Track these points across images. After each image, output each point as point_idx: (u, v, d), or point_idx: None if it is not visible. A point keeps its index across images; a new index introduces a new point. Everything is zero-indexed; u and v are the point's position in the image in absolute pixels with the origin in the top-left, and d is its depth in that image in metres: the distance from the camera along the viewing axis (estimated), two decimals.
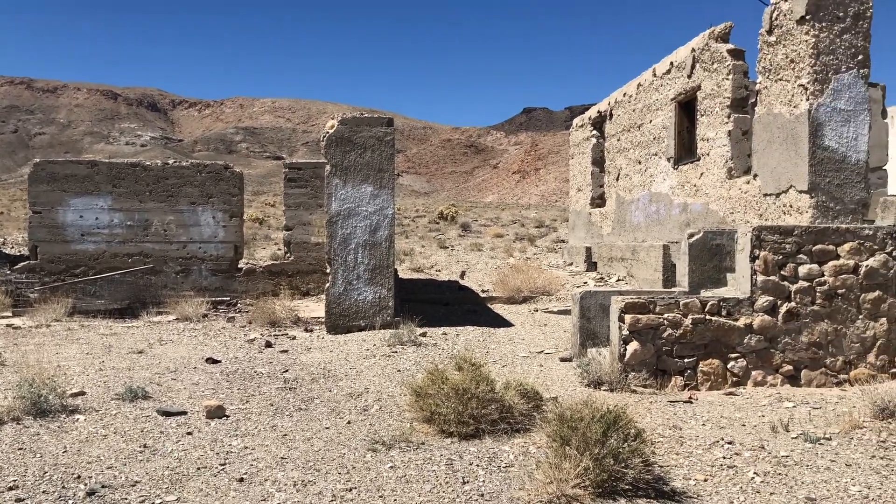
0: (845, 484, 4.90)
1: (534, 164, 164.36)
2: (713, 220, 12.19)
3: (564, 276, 17.26)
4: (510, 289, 14.71)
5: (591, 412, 5.01)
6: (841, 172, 9.37)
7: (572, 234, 21.76)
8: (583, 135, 20.50)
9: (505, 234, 32.52)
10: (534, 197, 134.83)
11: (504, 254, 24.14)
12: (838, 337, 7.92)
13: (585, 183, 20.04)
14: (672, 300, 7.90)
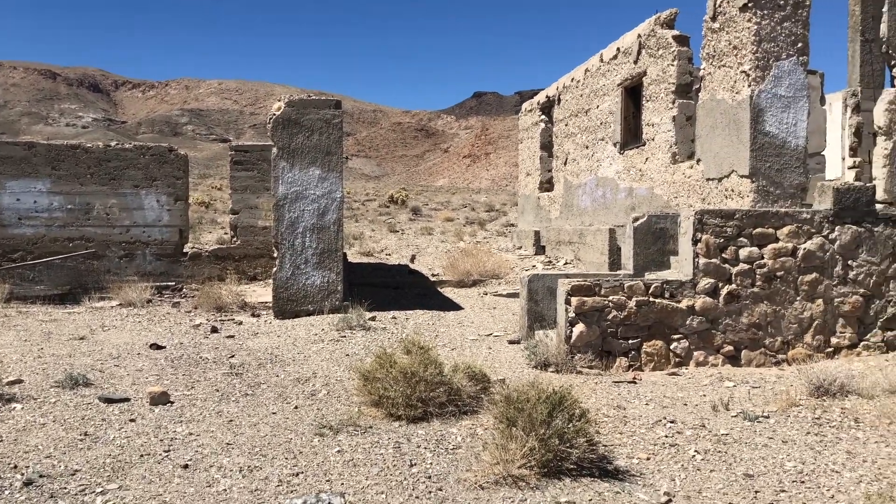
0: (781, 460, 5.06)
1: (484, 149, 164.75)
2: (658, 204, 12.39)
3: (514, 259, 17.39)
4: (460, 272, 14.76)
5: (537, 393, 5.07)
6: (781, 158, 9.61)
7: (521, 218, 21.91)
8: (531, 119, 20.61)
9: (455, 219, 32.60)
10: (484, 181, 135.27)
11: (454, 238, 24.21)
12: (777, 318, 8.14)
13: (534, 167, 20.17)
14: (617, 283, 8.02)
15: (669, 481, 4.75)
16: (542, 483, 4.62)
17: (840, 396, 6.42)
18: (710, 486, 4.66)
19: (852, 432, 5.64)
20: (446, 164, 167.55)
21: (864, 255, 8.28)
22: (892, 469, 4.87)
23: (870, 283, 8.28)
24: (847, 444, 5.36)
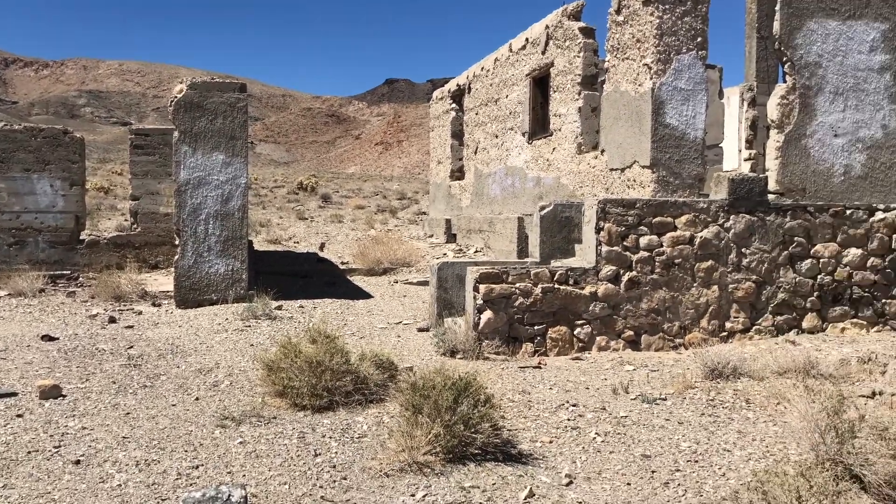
0: (677, 440, 5.26)
1: (396, 136, 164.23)
2: (564, 193, 12.64)
3: (425, 247, 17.42)
4: (370, 260, 14.68)
5: (443, 380, 5.09)
6: (680, 149, 9.93)
7: (433, 206, 21.96)
8: (442, 108, 20.65)
9: (366, 206, 32.40)
10: (397, 169, 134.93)
11: (365, 225, 24.06)
12: (675, 304, 8.44)
13: (445, 156, 20.23)
14: (524, 270, 8.14)
15: (571, 463, 4.86)
16: (447, 469, 4.65)
17: (733, 379, 6.71)
18: (609, 468, 4.79)
19: (743, 413, 5.90)
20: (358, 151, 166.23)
21: (756, 243, 8.67)
22: (778, 447, 5.13)
23: (762, 270, 8.67)
24: (738, 424, 5.61)
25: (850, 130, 10.12)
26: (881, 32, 10.15)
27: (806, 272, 8.78)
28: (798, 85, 9.96)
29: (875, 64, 10.18)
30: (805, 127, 9.97)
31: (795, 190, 9.92)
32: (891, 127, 10.25)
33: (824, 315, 8.86)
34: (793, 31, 9.90)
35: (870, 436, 4.45)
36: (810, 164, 9.98)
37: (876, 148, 10.19)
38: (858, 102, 10.14)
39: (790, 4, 9.88)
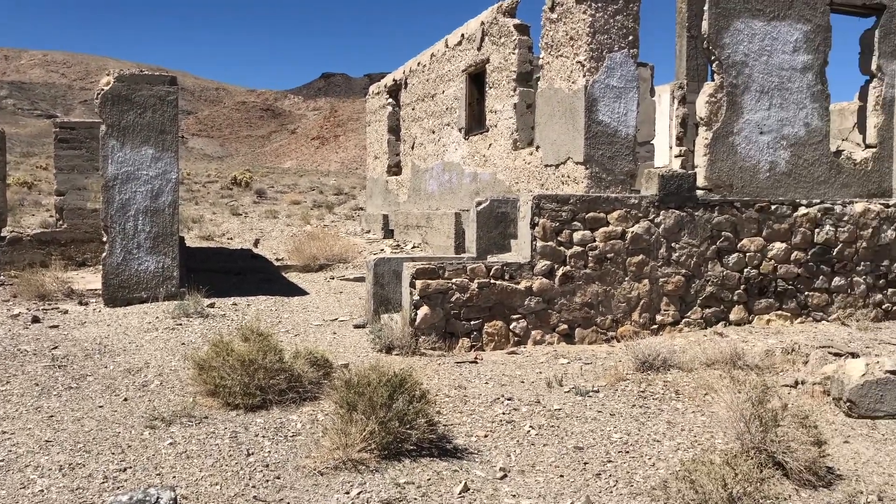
0: (609, 432, 5.35)
1: (333, 131, 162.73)
2: (500, 189, 12.72)
3: (362, 243, 17.32)
4: (306, 257, 14.51)
5: (378, 377, 5.07)
6: (613, 146, 10.10)
7: (370, 201, 21.84)
8: (379, 103, 20.55)
9: (303, 202, 32.03)
10: (334, 163, 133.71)
11: (301, 221, 23.78)
12: (608, 297, 8.59)
13: (382, 151, 20.14)
14: (460, 265, 8.17)
15: (505, 457, 4.90)
16: (382, 465, 4.63)
17: (663, 370, 6.87)
18: (543, 460, 4.85)
19: (673, 403, 6.05)
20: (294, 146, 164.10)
21: (685, 237, 8.88)
22: (706, 436, 5.27)
23: (690, 264, 8.89)
24: (668, 415, 5.74)
25: (776, 128, 10.44)
26: (803, 33, 10.50)
27: (733, 266, 9.05)
28: (726, 83, 10.23)
29: (798, 64, 10.52)
30: (732, 124, 10.25)
31: (723, 186, 10.20)
32: (813, 125, 10.62)
33: (751, 307, 9.14)
34: (720, 31, 10.17)
35: (791, 424, 4.61)
36: (737, 161, 10.26)
37: (799, 145, 10.55)
38: (783, 101, 10.48)
39: (718, 5, 10.14)
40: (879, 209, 9.66)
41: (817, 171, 10.65)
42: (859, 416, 5.70)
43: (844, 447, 5.13)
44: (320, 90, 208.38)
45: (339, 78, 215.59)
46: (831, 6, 10.70)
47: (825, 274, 9.43)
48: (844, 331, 8.82)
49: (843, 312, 9.46)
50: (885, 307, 9.66)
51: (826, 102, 10.76)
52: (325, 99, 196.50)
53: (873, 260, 9.62)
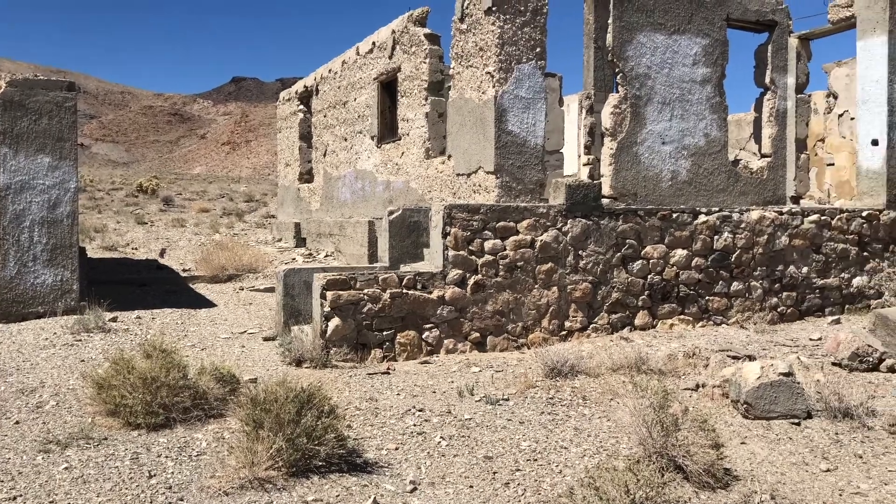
0: (518, 440, 5.41)
1: (245, 136, 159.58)
2: (413, 197, 12.73)
3: (273, 252, 17.02)
4: (215, 267, 14.16)
5: (286, 392, 4.98)
6: (522, 155, 10.25)
7: (281, 209, 21.52)
8: (290, 109, 20.28)
9: (212, 209, 31.28)
10: (245, 170, 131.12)
11: (210, 230, 23.19)
12: (518, 305, 8.71)
13: (293, 158, 19.87)
14: (372, 276, 8.13)
15: (416, 469, 4.89)
16: (290, 483, 4.55)
17: (571, 376, 7.00)
18: (453, 471, 4.86)
19: (580, 409, 6.17)
20: (203, 152, 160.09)
21: (592, 245, 9.10)
22: (611, 442, 5.39)
23: (597, 271, 9.11)
24: (575, 421, 5.85)
25: (677, 138, 10.83)
26: (702, 47, 10.93)
27: (637, 272, 9.32)
28: (629, 95, 10.54)
29: (698, 76, 10.95)
30: (636, 135, 10.57)
31: (628, 194, 10.50)
32: (712, 135, 11.06)
33: (654, 312, 9.43)
34: (624, 44, 10.48)
35: (692, 428, 4.77)
36: (641, 170, 10.58)
37: (700, 155, 10.96)
38: (684, 112, 10.87)
39: (621, 18, 10.45)
40: (774, 216, 10.13)
41: (716, 180, 11.09)
42: (755, 417, 5.95)
43: (741, 448, 5.34)
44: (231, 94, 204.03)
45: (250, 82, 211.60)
46: (728, 22, 11.18)
47: (724, 279, 9.82)
48: (743, 333, 9.19)
49: (741, 316, 9.87)
50: (781, 310, 10.13)
51: (724, 114, 11.23)
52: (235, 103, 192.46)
53: (769, 265, 10.08)
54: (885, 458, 5.26)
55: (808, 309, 10.33)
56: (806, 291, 10.33)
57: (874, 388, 6.94)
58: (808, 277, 10.31)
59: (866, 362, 7.49)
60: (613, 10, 10.44)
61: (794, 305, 10.23)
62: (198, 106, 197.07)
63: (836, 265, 10.51)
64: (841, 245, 10.52)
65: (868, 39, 11.04)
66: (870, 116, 11.08)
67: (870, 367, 7.48)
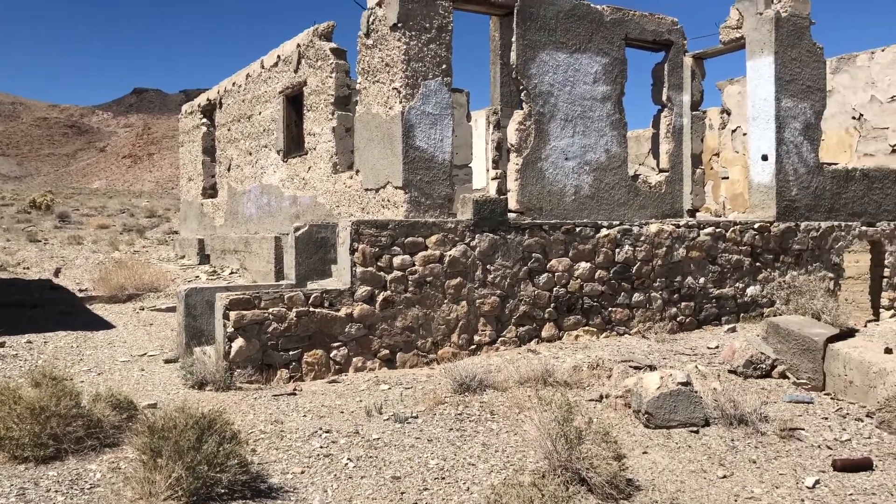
0: (426, 458, 5.39)
1: (147, 149, 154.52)
2: (321, 212, 12.59)
3: (175, 270, 16.49)
4: (113, 287, 13.60)
5: (186, 418, 4.81)
6: (430, 171, 10.29)
7: (184, 225, 20.90)
8: (192, 122, 19.76)
9: (111, 225, 30.10)
10: (147, 184, 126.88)
11: (109, 247, 22.30)
12: (428, 320, 8.71)
13: (197, 172, 19.36)
14: (277, 294, 7.97)
15: (322, 493, 4.80)
16: None
17: (479, 391, 7.04)
18: (360, 493, 4.80)
19: (488, 424, 6.20)
20: (103, 165, 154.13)
21: (499, 259, 9.20)
22: (518, 456, 5.44)
23: (505, 285, 9.22)
24: (483, 437, 5.88)
25: (580, 154, 11.10)
26: (602, 66, 11.26)
27: (543, 285, 9.48)
28: (534, 112, 10.75)
29: (598, 94, 11.26)
30: (541, 150, 10.78)
31: (534, 209, 10.68)
32: (613, 151, 11.39)
33: (560, 324, 9.61)
34: (527, 62, 10.68)
35: (595, 440, 4.86)
36: (546, 185, 10.79)
37: (601, 170, 11.26)
38: (586, 129, 11.16)
39: (525, 37, 10.65)
40: (672, 229, 10.50)
41: (617, 194, 11.42)
42: (656, 426, 6.12)
43: (643, 458, 5.48)
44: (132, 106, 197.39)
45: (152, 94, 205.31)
46: (626, 41, 11.56)
47: (626, 290, 10.10)
48: (644, 343, 9.47)
49: (643, 326, 10.17)
50: (679, 320, 10.49)
51: (624, 130, 11.59)
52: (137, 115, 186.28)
53: (668, 276, 10.43)
54: (777, 462, 5.50)
55: (706, 318, 10.74)
56: (703, 301, 10.73)
57: (767, 394, 7.26)
58: (704, 288, 10.73)
59: (759, 369, 7.83)
60: (517, 29, 10.64)
61: (692, 315, 10.62)
62: (97, 118, 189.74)
63: (731, 275, 10.97)
64: (735, 256, 10.99)
65: (757, 60, 11.62)
66: (760, 133, 11.65)
67: (763, 373, 7.83)
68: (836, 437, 6.06)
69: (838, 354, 7.31)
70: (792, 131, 11.55)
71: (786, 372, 7.87)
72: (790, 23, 11.44)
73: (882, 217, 12.37)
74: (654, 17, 11.87)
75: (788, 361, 7.92)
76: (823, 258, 11.74)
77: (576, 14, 11.05)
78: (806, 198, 11.67)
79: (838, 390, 7.26)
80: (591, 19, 11.18)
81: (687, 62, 12.30)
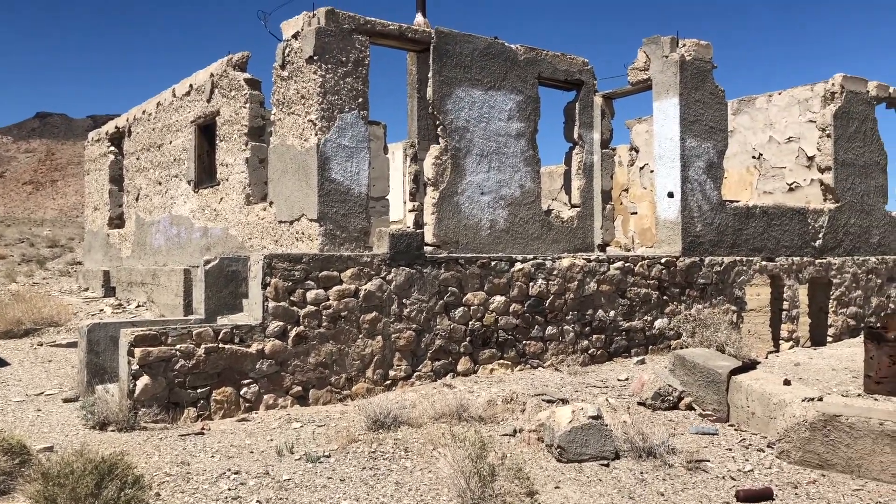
0: (338, 499, 5.28)
1: (50, 175, 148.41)
2: (233, 244, 12.33)
3: (78, 303, 15.80)
4: (9, 321, 12.91)
5: (84, 463, 4.59)
6: (346, 203, 10.23)
7: (89, 256, 20.10)
8: (99, 150, 19.13)
9: (9, 256, 28.63)
10: (50, 211, 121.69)
11: (6, 279, 21.19)
12: (342, 356, 8.60)
13: (103, 202, 18.69)
14: (185, 330, 7.72)
15: None
16: None
17: (394, 428, 6.97)
18: None
19: (402, 462, 6.14)
20: (2, 192, 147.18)
21: (415, 293, 9.20)
22: (431, 495, 5.39)
23: (421, 319, 9.21)
24: (397, 475, 5.81)
25: (495, 189, 11.26)
26: (516, 103, 11.50)
27: (459, 319, 9.51)
28: (450, 147, 10.86)
29: (513, 130, 11.48)
30: (457, 185, 10.88)
31: (450, 242, 10.74)
32: (527, 186, 11.60)
33: (476, 358, 9.64)
34: (444, 98, 10.81)
35: (507, 477, 4.87)
36: (462, 219, 10.89)
37: (516, 205, 11.45)
38: (501, 164, 11.34)
39: (441, 73, 10.79)
40: (583, 263, 10.73)
41: (531, 229, 11.62)
42: (569, 460, 6.18)
43: (555, 493, 5.51)
44: (34, 130, 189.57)
45: (57, 118, 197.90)
46: (539, 80, 11.85)
47: (540, 324, 10.24)
48: (557, 376, 9.59)
49: (556, 359, 10.31)
50: (591, 352, 10.68)
51: (537, 166, 11.84)
52: (40, 140, 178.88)
53: (579, 309, 10.63)
54: (684, 493, 5.64)
55: (616, 350, 10.98)
56: (613, 334, 10.98)
57: (674, 425, 7.45)
58: (615, 321, 10.98)
59: (667, 401, 8.04)
60: (433, 65, 10.77)
61: (603, 347, 10.84)
62: None
63: (640, 309, 11.27)
64: (644, 290, 11.31)
65: (663, 101, 12.10)
66: (666, 171, 12.09)
67: (670, 405, 8.04)
68: (740, 468, 6.26)
69: (741, 386, 7.58)
70: (696, 170, 12.03)
71: (692, 403, 8.10)
72: (694, 66, 11.98)
73: (781, 252, 12.99)
74: (566, 57, 12.22)
75: (695, 393, 8.16)
76: (727, 292, 12.21)
77: (491, 52, 11.28)
78: (710, 233, 12.15)
79: (742, 421, 7.52)
80: (505, 58, 11.43)
81: (597, 101, 12.69)
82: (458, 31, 11.01)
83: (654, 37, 12.27)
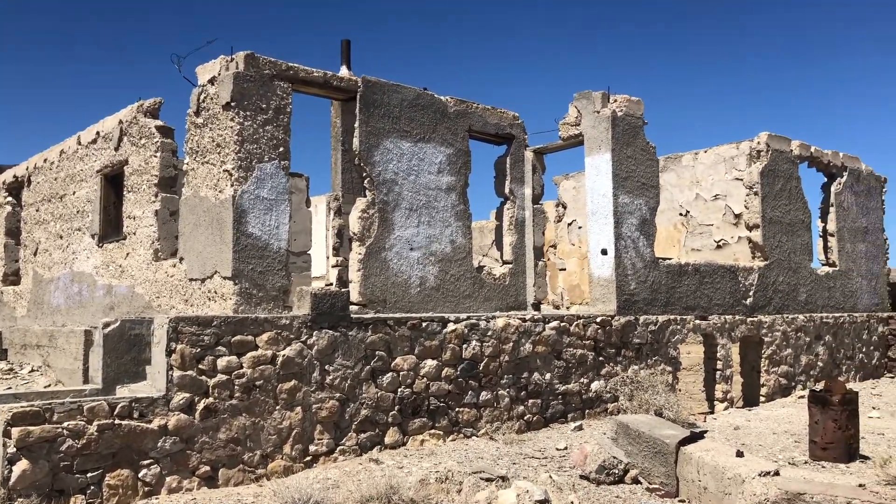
0: None
1: None
2: (140, 304, 11.32)
3: None
4: None
5: None
6: (264, 259, 9.46)
7: None
8: None
9: None
10: None
11: None
12: (256, 430, 7.74)
13: None
14: (74, 406, 6.76)
15: None
16: None
17: None
18: None
19: None
20: None
21: (339, 359, 8.45)
22: None
23: (345, 387, 8.44)
24: None
25: (425, 244, 10.68)
26: (447, 156, 11.03)
27: (387, 386, 8.79)
28: (377, 200, 10.26)
29: (443, 184, 10.98)
30: (385, 240, 10.26)
31: (377, 301, 10.05)
32: (458, 242, 11.07)
33: (405, 428, 8.90)
34: (371, 149, 10.24)
35: None
36: (390, 276, 10.23)
37: (446, 261, 10.88)
38: (430, 219, 10.79)
39: (367, 123, 10.24)
40: (518, 323, 10.19)
41: (463, 286, 11.05)
42: None
43: None
44: None
45: None
46: (470, 133, 11.44)
47: (473, 389, 9.59)
48: (493, 446, 8.93)
49: (490, 427, 9.66)
50: (527, 418, 10.08)
51: (468, 221, 11.33)
52: None
53: (515, 372, 10.05)
54: None
55: (553, 415, 10.41)
56: (549, 398, 10.42)
57: (622, 502, 6.87)
58: (550, 384, 10.43)
59: (612, 475, 7.47)
60: (360, 115, 10.23)
61: (539, 413, 10.25)
62: None
63: (576, 370, 10.77)
64: (579, 350, 10.83)
65: (595, 156, 11.84)
66: (599, 227, 11.77)
67: (616, 479, 7.47)
68: None
69: (691, 458, 7.07)
70: (629, 226, 11.76)
71: (638, 476, 7.55)
72: (625, 122, 11.80)
73: (714, 310, 12.78)
74: (496, 111, 11.88)
75: (641, 465, 7.62)
76: (662, 352, 11.86)
77: (420, 103, 10.82)
78: (644, 291, 11.83)
79: (693, 496, 6.99)
80: (435, 109, 10.99)
81: (528, 156, 12.36)
82: (386, 81, 10.53)
83: (586, 92, 12.08)
